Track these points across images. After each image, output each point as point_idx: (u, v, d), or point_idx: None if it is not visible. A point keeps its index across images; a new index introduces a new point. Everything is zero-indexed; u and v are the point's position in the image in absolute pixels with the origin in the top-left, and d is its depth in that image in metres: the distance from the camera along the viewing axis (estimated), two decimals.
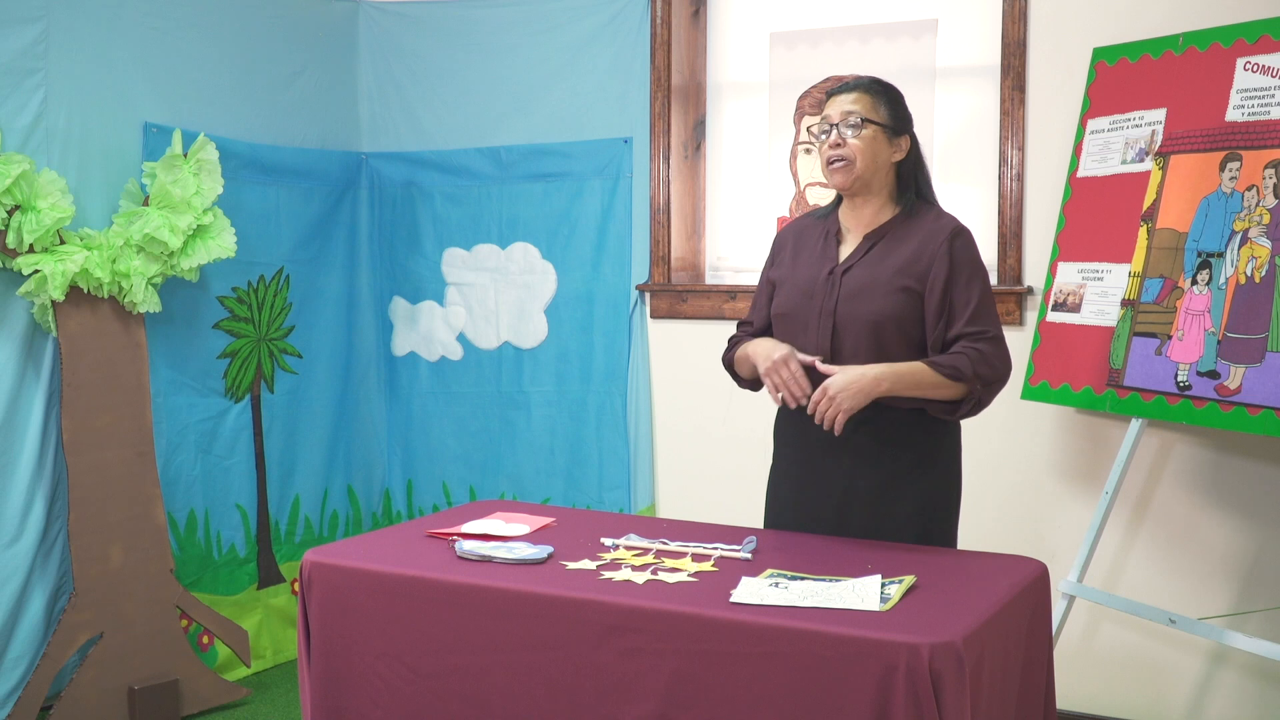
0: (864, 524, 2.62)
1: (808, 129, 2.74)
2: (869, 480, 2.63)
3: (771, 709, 2.05)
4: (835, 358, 2.62)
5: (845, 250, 2.70)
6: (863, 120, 2.63)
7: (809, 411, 2.55)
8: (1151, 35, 3.41)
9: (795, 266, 2.75)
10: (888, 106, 2.66)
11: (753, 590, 2.20)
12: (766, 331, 2.81)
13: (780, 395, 2.60)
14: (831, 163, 2.66)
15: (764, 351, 2.65)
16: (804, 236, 2.79)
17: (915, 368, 2.55)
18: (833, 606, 2.10)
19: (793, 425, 2.75)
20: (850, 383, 2.51)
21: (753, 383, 2.82)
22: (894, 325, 2.59)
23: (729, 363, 2.85)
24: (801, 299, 2.68)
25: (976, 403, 2.60)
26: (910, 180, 2.70)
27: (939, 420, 2.66)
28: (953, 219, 2.67)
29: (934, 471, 2.67)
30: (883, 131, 2.65)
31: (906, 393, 2.55)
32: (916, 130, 2.74)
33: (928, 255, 2.59)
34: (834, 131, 2.65)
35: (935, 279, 2.58)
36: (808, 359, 2.60)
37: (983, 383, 2.57)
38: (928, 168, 2.75)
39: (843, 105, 2.65)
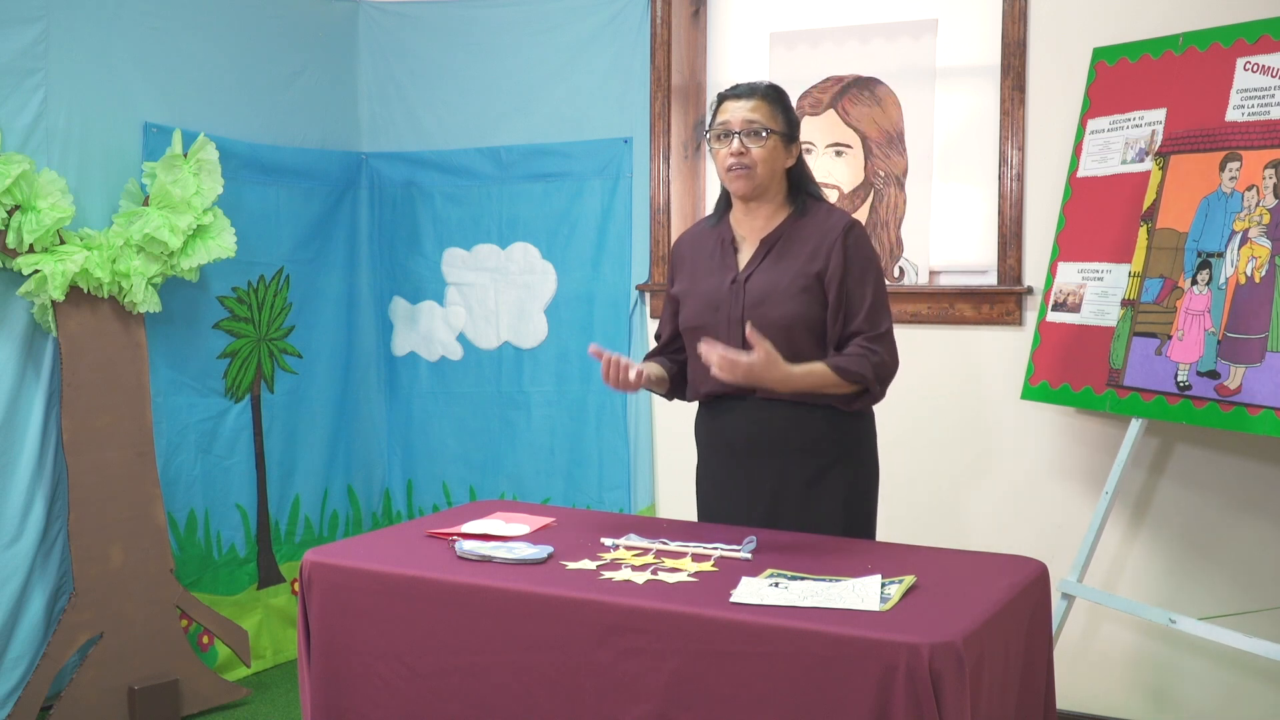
0: (790, 522, 2.68)
1: (705, 134, 2.76)
2: (793, 479, 2.68)
3: (771, 709, 2.05)
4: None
5: (743, 257, 2.76)
6: (765, 130, 2.67)
7: (715, 361, 2.56)
8: (1151, 35, 3.41)
9: (695, 278, 2.81)
10: (784, 115, 2.72)
11: (753, 590, 2.20)
12: (672, 342, 2.91)
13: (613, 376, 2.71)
14: (732, 169, 2.70)
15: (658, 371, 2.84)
16: (698, 247, 2.85)
17: (820, 372, 2.61)
18: (832, 606, 2.10)
19: (713, 427, 2.82)
20: (762, 375, 2.56)
21: (669, 392, 2.93)
22: (803, 326, 2.65)
23: None
24: (707, 311, 2.74)
25: (871, 397, 2.69)
26: (799, 183, 2.76)
27: (856, 418, 2.73)
28: (844, 214, 2.74)
29: (855, 467, 2.74)
30: (780, 140, 2.70)
31: (808, 391, 2.64)
32: (914, 130, 2.76)
33: (824, 252, 2.66)
34: (736, 139, 2.68)
35: (833, 275, 2.65)
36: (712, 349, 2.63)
37: (880, 383, 2.66)
38: (810, 169, 2.83)
39: (743, 113, 2.69)
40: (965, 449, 3.81)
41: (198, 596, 3.88)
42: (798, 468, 2.69)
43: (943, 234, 3.98)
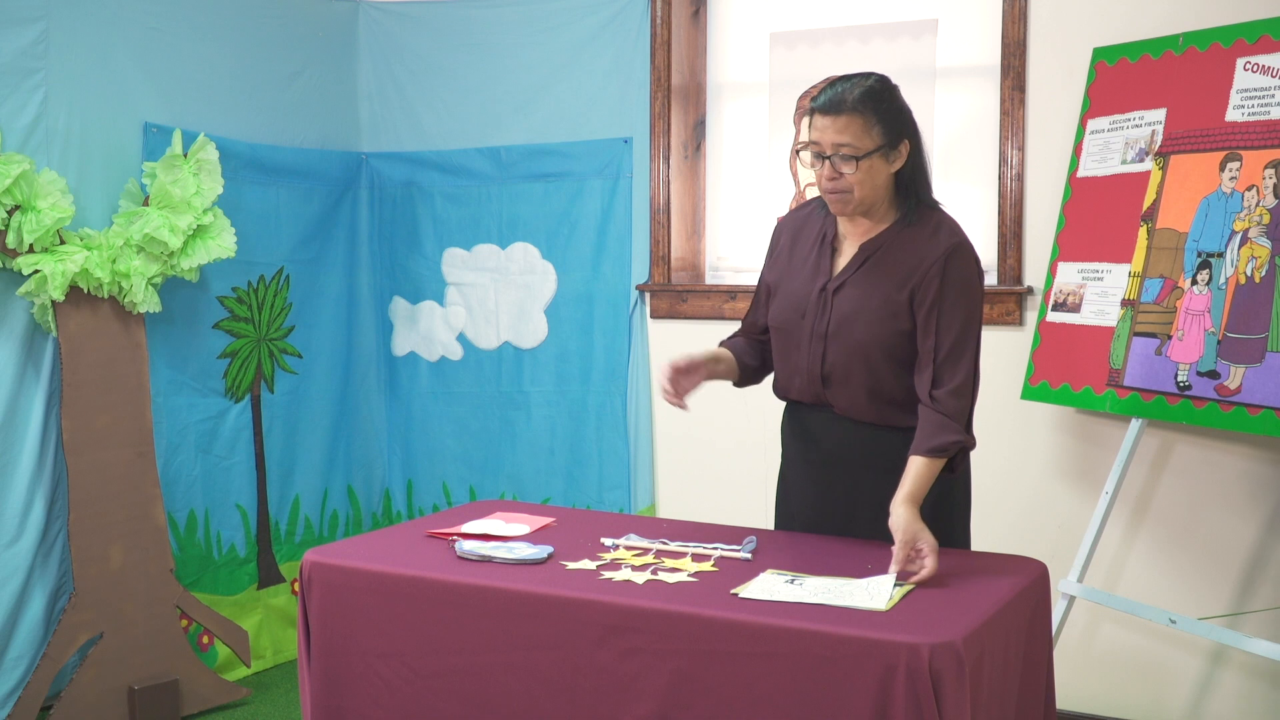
0: (871, 535, 2.58)
1: (796, 151, 2.62)
2: (877, 491, 2.56)
3: (772, 709, 2.05)
4: (827, 381, 2.59)
5: (840, 261, 2.61)
6: (857, 156, 2.46)
7: (909, 576, 2.38)
8: (1151, 35, 3.41)
9: (790, 271, 2.67)
10: (881, 122, 2.48)
11: (765, 586, 2.20)
12: (760, 333, 2.79)
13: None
14: (829, 192, 2.53)
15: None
16: (801, 234, 2.70)
17: (925, 467, 2.44)
18: (843, 604, 2.10)
19: (794, 433, 2.73)
20: (920, 529, 2.37)
21: (739, 378, 2.82)
22: (882, 351, 2.53)
23: None
24: (794, 316, 2.62)
25: (965, 446, 2.53)
26: (909, 186, 2.55)
27: None
28: (950, 232, 2.55)
29: (942, 479, 2.61)
30: (879, 154, 2.48)
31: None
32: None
33: (919, 274, 2.51)
34: (827, 164, 2.48)
35: (923, 298, 2.50)
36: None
37: (968, 431, 2.51)
38: (928, 167, 2.61)
39: (833, 135, 2.46)
40: None
41: (198, 596, 3.88)
42: (873, 484, 2.56)
43: None
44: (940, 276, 2.49)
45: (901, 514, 2.38)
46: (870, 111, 2.47)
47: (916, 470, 2.44)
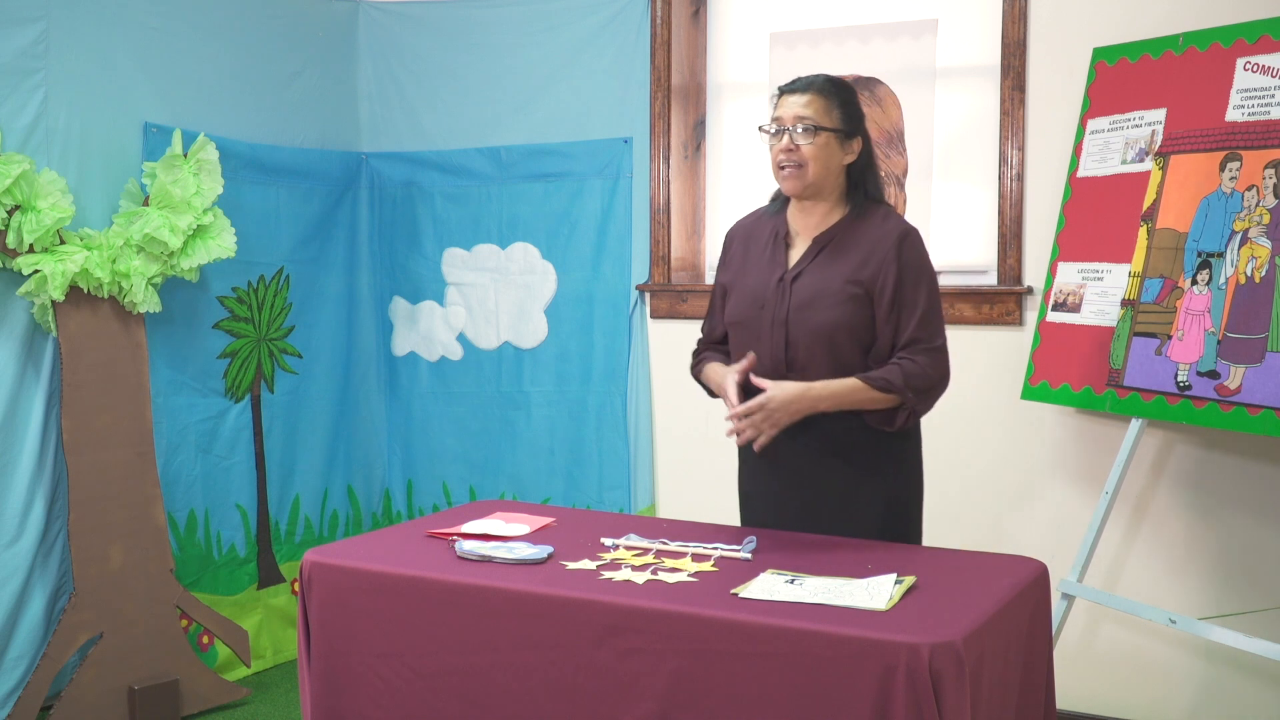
0: (829, 529, 2.63)
1: (759, 127, 2.73)
2: (832, 487, 2.63)
3: (772, 709, 2.05)
4: (791, 367, 2.62)
5: (794, 254, 2.69)
6: (816, 127, 2.60)
7: (732, 419, 2.57)
8: (1151, 35, 3.41)
9: (745, 270, 2.74)
10: (841, 109, 2.64)
11: (765, 586, 2.20)
12: (722, 340, 2.83)
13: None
14: (783, 167, 2.64)
15: (716, 380, 2.73)
16: (753, 237, 2.78)
17: (850, 384, 2.55)
18: (843, 604, 2.10)
19: None
20: (790, 401, 2.53)
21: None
22: (846, 333, 2.58)
23: (697, 376, 2.87)
24: (753, 308, 2.68)
25: (911, 412, 2.60)
26: (860, 181, 2.68)
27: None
28: (900, 220, 2.66)
29: (896, 476, 2.67)
30: (835, 137, 2.62)
31: (843, 408, 2.57)
32: (914, 130, 2.72)
33: (876, 259, 2.59)
34: (786, 135, 2.62)
35: (884, 284, 2.58)
36: (740, 369, 2.62)
37: (915, 393, 2.56)
38: (878, 167, 2.74)
39: (795, 108, 2.62)
40: (965, 449, 3.81)
41: (198, 596, 3.88)
42: (832, 477, 2.62)
43: (943, 234, 3.98)
44: (896, 261, 2.59)
45: (791, 385, 2.52)
46: (833, 96, 2.64)
47: (845, 383, 2.55)
